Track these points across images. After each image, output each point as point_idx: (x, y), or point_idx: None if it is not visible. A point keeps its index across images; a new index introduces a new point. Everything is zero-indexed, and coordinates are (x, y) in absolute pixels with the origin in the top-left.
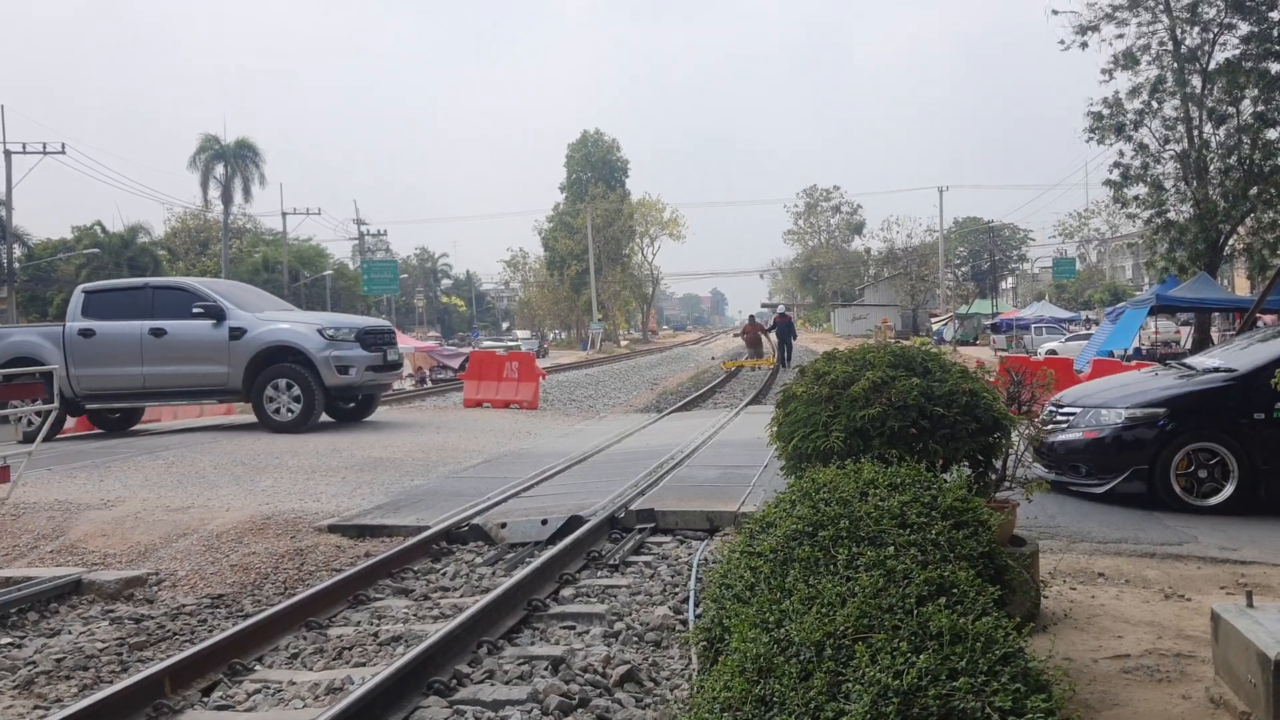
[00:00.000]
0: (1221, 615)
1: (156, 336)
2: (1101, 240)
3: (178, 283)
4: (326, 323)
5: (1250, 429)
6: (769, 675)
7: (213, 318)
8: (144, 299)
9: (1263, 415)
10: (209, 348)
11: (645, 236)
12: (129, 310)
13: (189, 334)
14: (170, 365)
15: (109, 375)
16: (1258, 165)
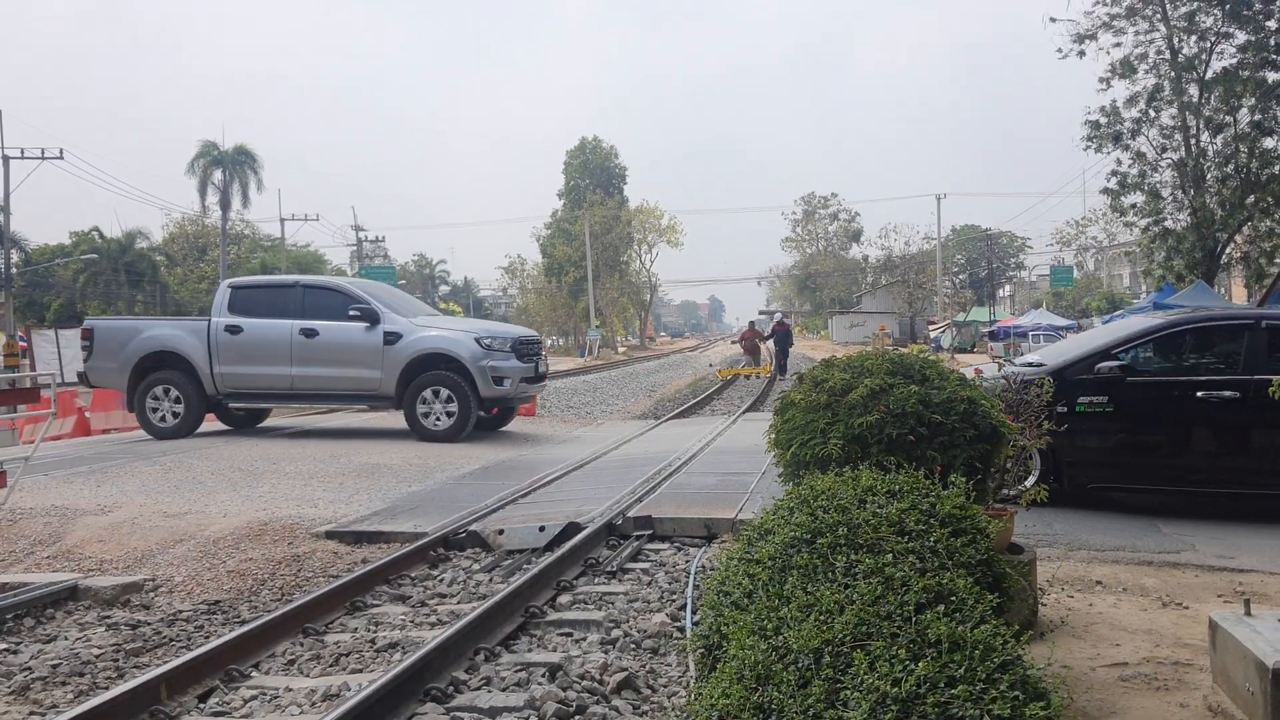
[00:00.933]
0: (1219, 623)
1: (308, 337)
2: (1099, 248)
3: (330, 283)
4: (483, 331)
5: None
6: (767, 683)
7: (367, 321)
8: (294, 298)
9: (1065, 408)
10: (362, 352)
11: (643, 243)
12: (277, 308)
13: (342, 336)
14: (321, 367)
15: (256, 374)
16: (1255, 174)
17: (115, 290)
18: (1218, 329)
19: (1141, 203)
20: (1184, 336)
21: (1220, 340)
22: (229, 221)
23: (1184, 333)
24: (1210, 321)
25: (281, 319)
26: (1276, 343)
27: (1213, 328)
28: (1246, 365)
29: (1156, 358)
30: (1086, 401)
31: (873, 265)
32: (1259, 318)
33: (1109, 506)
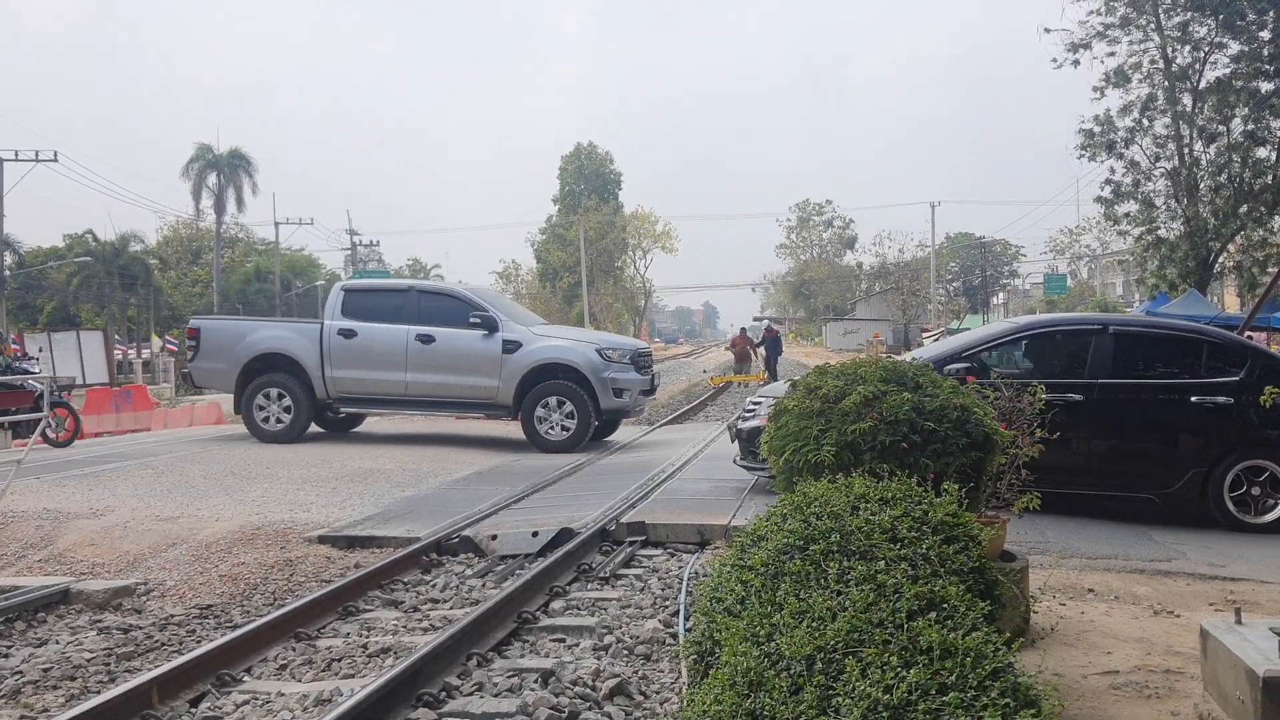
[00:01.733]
0: (1210, 632)
1: (424, 343)
2: (1092, 257)
3: (447, 288)
4: (604, 343)
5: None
6: (759, 689)
7: (486, 328)
8: (409, 302)
9: None
10: (481, 359)
11: (638, 249)
12: (392, 313)
13: (460, 343)
14: (437, 374)
15: (369, 379)
16: (1248, 183)
17: (109, 293)
18: (1067, 333)
19: (1135, 211)
20: (1034, 340)
21: (1069, 344)
22: (223, 225)
23: (1034, 336)
24: (1059, 326)
25: (396, 324)
26: (1122, 347)
27: (1062, 332)
28: (1091, 369)
29: (1006, 360)
30: None
31: (867, 272)
32: (1107, 323)
33: (1101, 515)
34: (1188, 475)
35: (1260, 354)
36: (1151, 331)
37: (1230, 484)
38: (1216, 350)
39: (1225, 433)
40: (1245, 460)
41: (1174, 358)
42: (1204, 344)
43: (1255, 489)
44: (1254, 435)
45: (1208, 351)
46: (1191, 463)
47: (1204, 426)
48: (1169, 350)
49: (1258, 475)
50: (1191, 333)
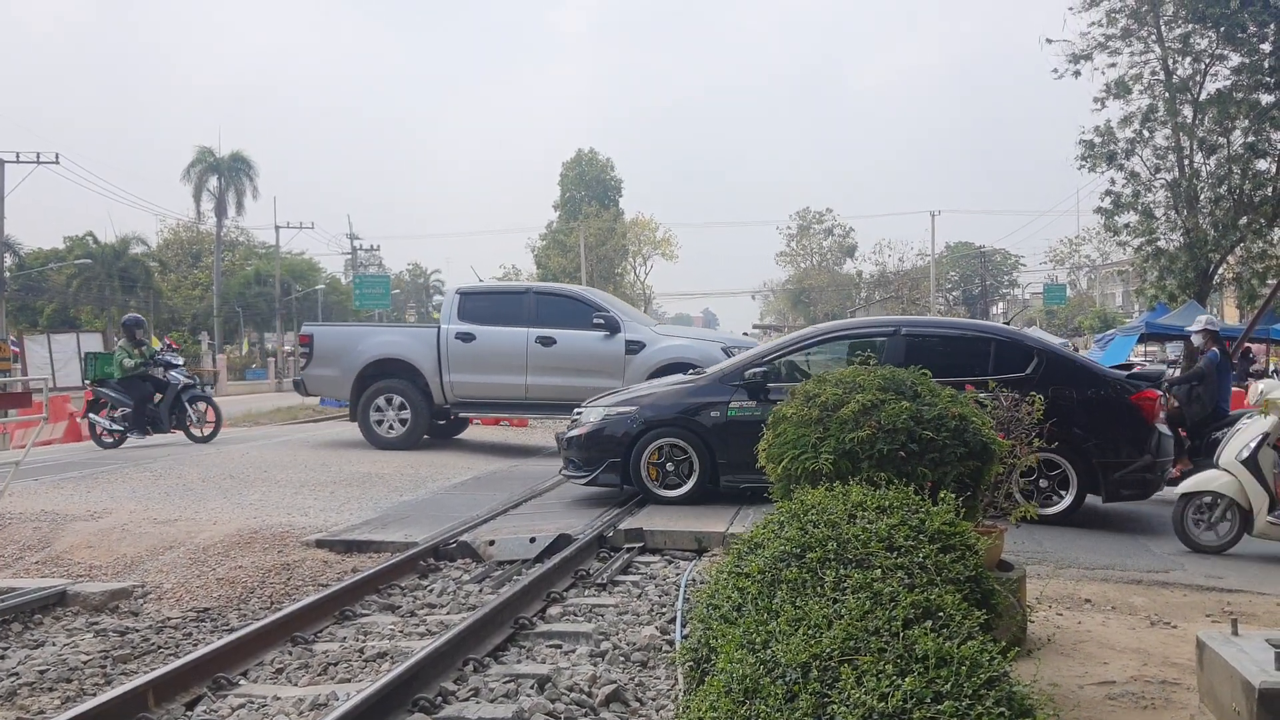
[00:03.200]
0: (1207, 643)
1: (544, 345)
2: (1092, 267)
3: (566, 290)
4: (729, 342)
5: (710, 426)
6: (755, 696)
7: (608, 330)
8: (527, 304)
9: (718, 414)
10: (603, 360)
11: (638, 256)
12: (510, 315)
13: (581, 345)
14: (558, 376)
15: (489, 383)
16: (1248, 195)
17: (109, 296)
18: (861, 337)
19: (1135, 222)
20: (830, 345)
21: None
22: (224, 228)
23: (830, 341)
24: (854, 330)
25: (515, 326)
26: (914, 349)
27: (857, 336)
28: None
29: (804, 365)
30: (737, 407)
31: (867, 281)
32: (898, 325)
33: (1099, 525)
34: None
35: (1045, 350)
36: (942, 332)
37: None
38: (1004, 348)
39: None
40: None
41: (964, 357)
42: (992, 342)
43: (1043, 481)
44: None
45: (995, 350)
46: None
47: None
48: (959, 350)
49: (1047, 468)
50: (980, 332)
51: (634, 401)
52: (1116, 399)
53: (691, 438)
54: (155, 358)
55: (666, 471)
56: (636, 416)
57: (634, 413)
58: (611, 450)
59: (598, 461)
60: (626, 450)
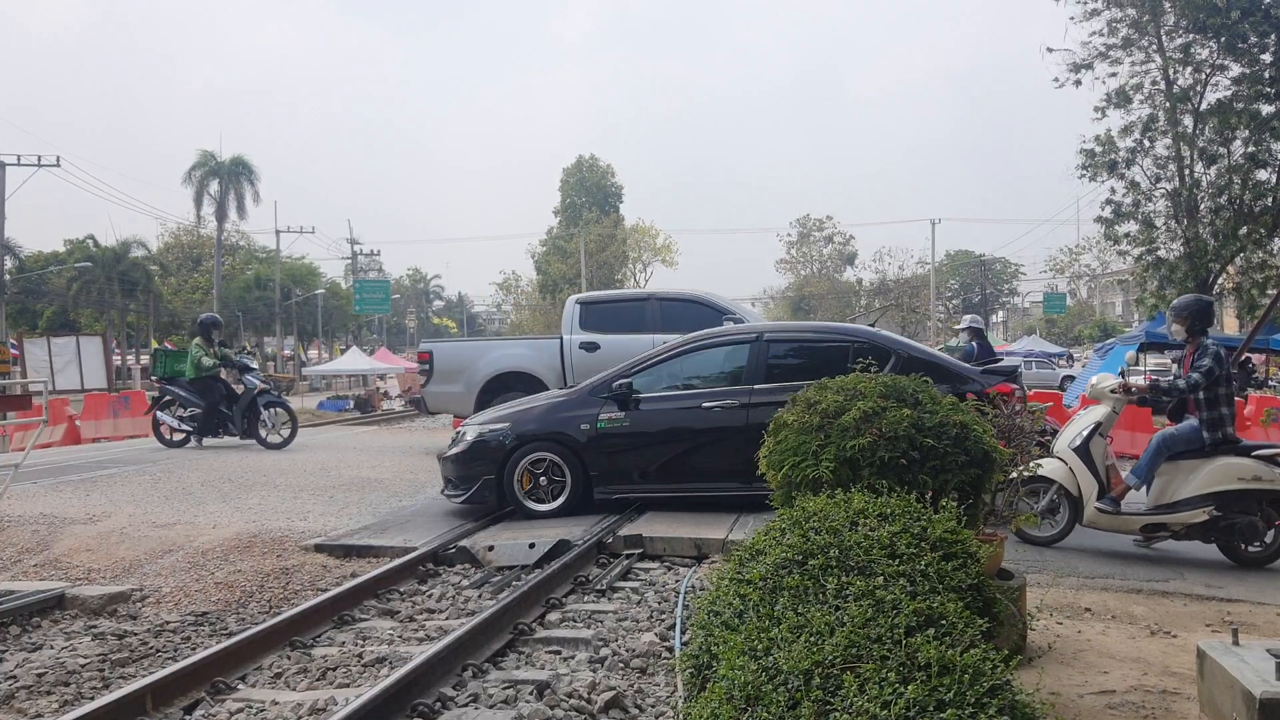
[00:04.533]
0: (1207, 653)
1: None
2: (1092, 276)
3: (689, 295)
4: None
5: (581, 438)
6: (756, 703)
7: None
8: (651, 311)
9: (588, 426)
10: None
11: (638, 262)
12: (634, 323)
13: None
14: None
15: None
16: (1248, 205)
17: (109, 299)
18: (726, 344)
19: (1135, 232)
20: (697, 353)
21: (728, 355)
22: (224, 232)
23: (697, 349)
24: (719, 338)
25: (640, 334)
26: (777, 353)
27: (722, 343)
28: (748, 376)
29: (674, 373)
30: (607, 419)
31: (867, 289)
32: (761, 331)
33: (1099, 535)
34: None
35: (902, 350)
36: (803, 336)
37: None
38: (862, 350)
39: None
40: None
41: (825, 359)
42: (850, 344)
43: None
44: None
45: (854, 351)
46: None
47: None
48: (820, 352)
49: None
50: (839, 334)
51: (507, 418)
52: (972, 394)
53: (563, 451)
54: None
55: (540, 486)
56: (509, 432)
57: (506, 429)
58: (486, 467)
59: (474, 479)
60: (500, 466)
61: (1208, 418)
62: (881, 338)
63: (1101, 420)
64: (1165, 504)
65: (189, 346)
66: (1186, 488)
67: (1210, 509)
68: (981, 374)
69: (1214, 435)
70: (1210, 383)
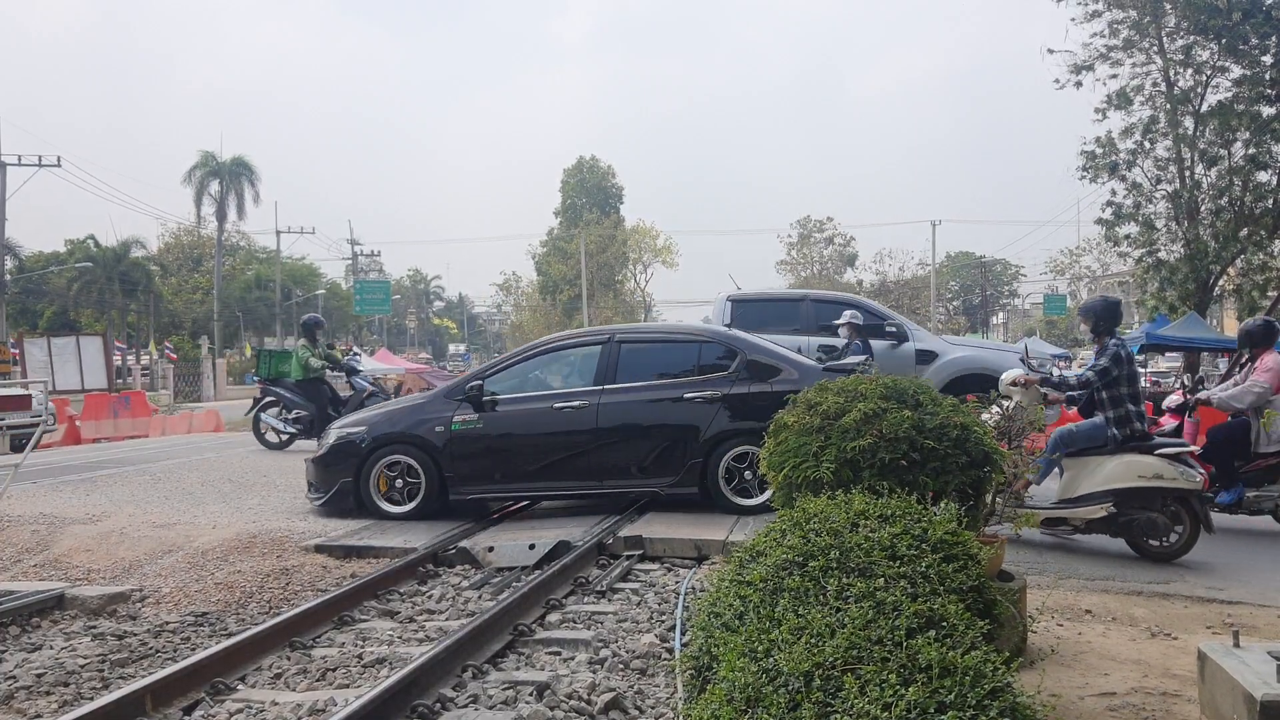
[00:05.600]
0: (1208, 655)
1: (828, 354)
2: (1092, 278)
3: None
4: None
5: (436, 441)
6: (757, 705)
7: (896, 338)
8: (805, 312)
9: (443, 428)
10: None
11: (638, 263)
12: (787, 323)
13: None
14: None
15: None
16: (1249, 207)
17: (109, 299)
18: (579, 346)
19: (1135, 233)
20: (551, 355)
21: (581, 357)
22: (224, 233)
23: (551, 352)
24: (572, 340)
25: (794, 334)
26: (629, 354)
27: (575, 346)
28: (600, 377)
29: (525, 376)
30: (461, 420)
31: (867, 290)
32: (613, 334)
33: (1098, 535)
34: (688, 466)
35: (747, 349)
36: (653, 337)
37: (725, 471)
38: (709, 349)
39: (717, 424)
40: (736, 448)
41: (674, 358)
42: (698, 345)
43: (748, 473)
44: (741, 425)
45: (702, 350)
46: (690, 454)
47: (699, 420)
48: (670, 352)
49: (748, 461)
50: (688, 335)
51: (365, 420)
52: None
53: (419, 454)
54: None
55: (396, 488)
56: (366, 435)
57: (363, 432)
58: (345, 470)
59: (333, 482)
60: (357, 469)
61: (1113, 415)
62: (728, 337)
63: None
64: (1068, 499)
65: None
66: (1089, 483)
67: (1109, 505)
68: (823, 372)
69: (1123, 431)
70: (1108, 382)
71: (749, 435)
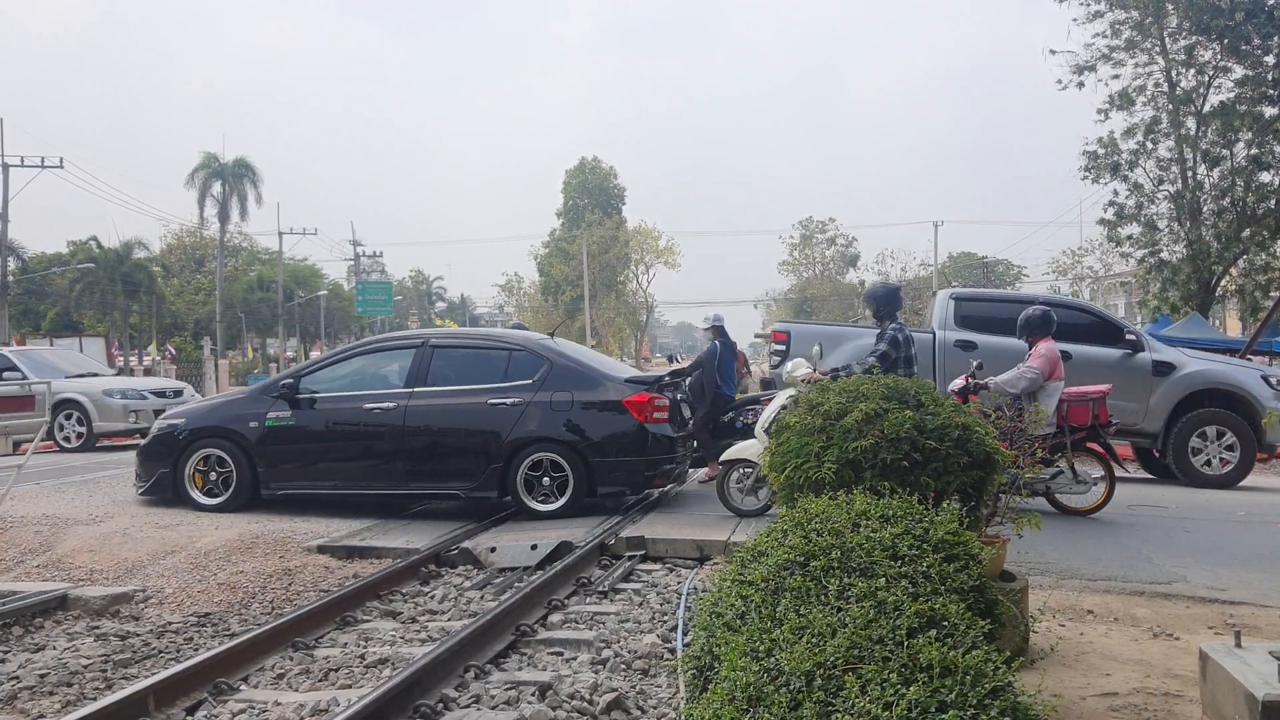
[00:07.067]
0: (1210, 655)
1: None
2: (1095, 278)
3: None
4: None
5: (250, 436)
6: (758, 704)
7: (1131, 348)
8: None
9: (257, 424)
10: (1123, 380)
11: (640, 264)
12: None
13: (1101, 362)
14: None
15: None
16: (1251, 208)
17: (111, 300)
18: (393, 349)
19: (1138, 234)
20: (365, 356)
21: (395, 359)
22: (227, 234)
23: (366, 353)
24: (388, 342)
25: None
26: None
27: (389, 348)
28: (411, 379)
29: (342, 375)
30: (274, 416)
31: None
32: (427, 337)
33: (1101, 536)
34: (488, 470)
35: (556, 358)
36: (466, 343)
37: (525, 476)
38: (518, 357)
39: (519, 430)
40: (536, 454)
41: (485, 365)
42: (509, 352)
43: (546, 479)
44: (542, 432)
45: (511, 358)
46: (491, 458)
47: (501, 425)
48: (481, 359)
49: (551, 468)
50: (499, 342)
51: (185, 413)
52: (610, 402)
53: (232, 448)
54: None
55: (210, 481)
56: (184, 427)
57: (182, 424)
58: (164, 461)
59: (153, 472)
60: (175, 460)
61: None
62: (539, 346)
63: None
64: None
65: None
66: None
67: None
68: (624, 383)
69: None
70: (889, 365)
71: (550, 442)
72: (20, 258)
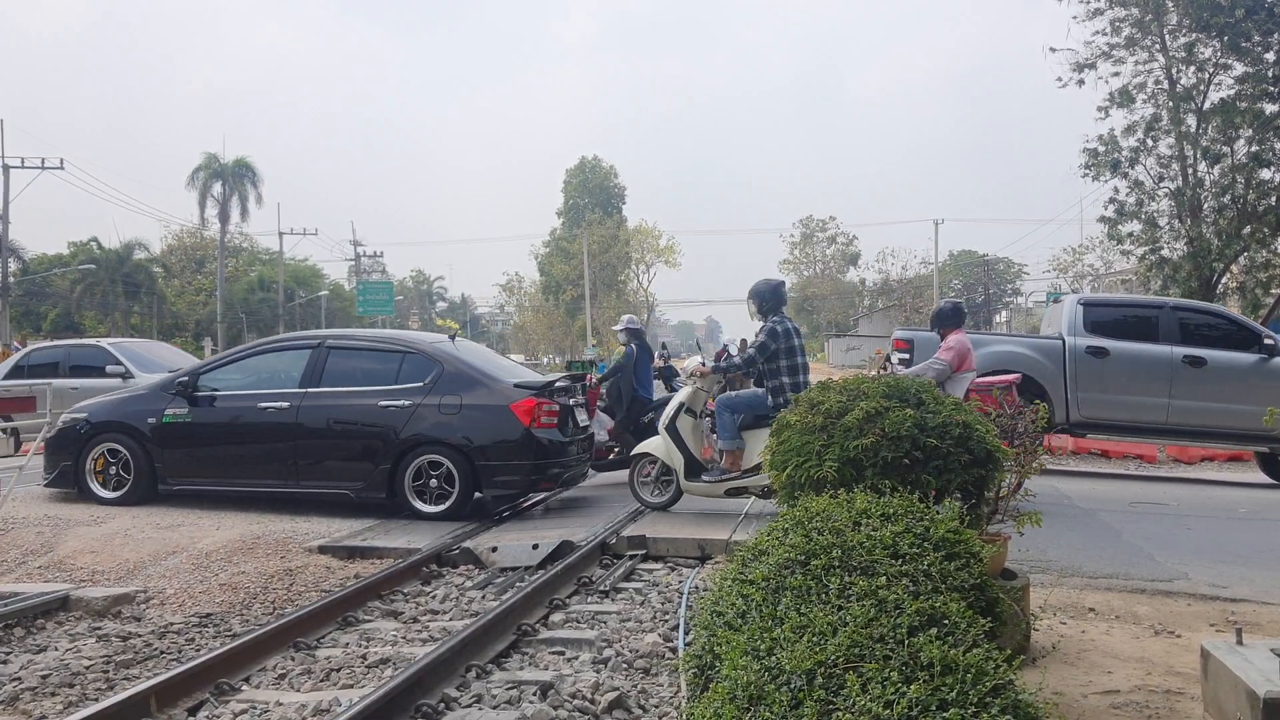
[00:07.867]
0: (1211, 652)
1: (1194, 366)
2: (1095, 276)
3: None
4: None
5: (148, 431)
6: (759, 703)
7: (1267, 352)
8: (1165, 321)
9: (155, 419)
10: (1262, 387)
11: (641, 263)
12: (1145, 331)
13: (1234, 368)
14: (1205, 401)
15: (1123, 404)
16: (1251, 205)
17: (112, 301)
18: (290, 349)
19: (1138, 231)
20: (263, 355)
21: (291, 358)
22: (227, 234)
23: (263, 352)
24: (284, 342)
25: (1154, 343)
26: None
27: (286, 347)
28: (306, 379)
29: (240, 374)
30: (172, 413)
31: (870, 289)
32: (323, 338)
33: (1103, 534)
34: (377, 471)
35: (449, 361)
36: (361, 345)
37: (413, 477)
38: (411, 359)
39: (408, 432)
40: (423, 456)
41: (379, 367)
42: (403, 355)
43: (433, 481)
44: (430, 434)
45: (404, 361)
46: (380, 459)
47: (390, 427)
48: (375, 361)
49: (435, 469)
50: (393, 344)
51: (88, 407)
52: (498, 406)
53: (131, 443)
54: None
55: (109, 474)
56: (86, 421)
57: (84, 418)
58: (67, 454)
59: (57, 464)
60: (77, 454)
61: (771, 386)
62: (432, 349)
63: (685, 400)
64: (749, 468)
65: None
66: (757, 452)
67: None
68: (513, 388)
69: (777, 401)
70: (768, 356)
71: (438, 445)
72: (21, 259)
